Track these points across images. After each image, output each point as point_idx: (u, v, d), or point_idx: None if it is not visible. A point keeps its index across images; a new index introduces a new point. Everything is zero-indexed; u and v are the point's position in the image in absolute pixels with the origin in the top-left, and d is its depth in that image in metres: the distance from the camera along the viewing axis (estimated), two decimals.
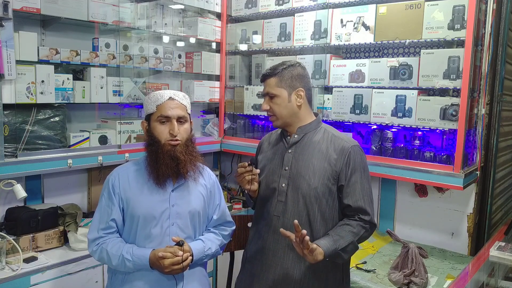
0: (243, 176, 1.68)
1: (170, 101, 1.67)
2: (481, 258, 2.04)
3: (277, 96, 1.67)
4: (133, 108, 2.92)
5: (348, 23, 2.61)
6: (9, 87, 2.10)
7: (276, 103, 1.67)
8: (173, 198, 1.70)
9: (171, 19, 3.00)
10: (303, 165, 1.66)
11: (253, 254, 1.78)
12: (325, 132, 1.72)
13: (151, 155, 1.68)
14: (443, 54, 2.28)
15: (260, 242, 1.74)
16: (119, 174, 1.72)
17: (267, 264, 1.70)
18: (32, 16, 2.24)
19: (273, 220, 1.70)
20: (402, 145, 2.50)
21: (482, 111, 2.32)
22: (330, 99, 2.71)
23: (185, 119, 1.70)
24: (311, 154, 1.67)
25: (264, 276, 1.71)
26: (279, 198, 1.69)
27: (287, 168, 1.69)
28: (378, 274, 2.13)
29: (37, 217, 2.21)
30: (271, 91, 1.67)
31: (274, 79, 1.67)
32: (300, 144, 1.70)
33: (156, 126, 1.67)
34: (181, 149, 1.66)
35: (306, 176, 1.65)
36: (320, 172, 1.64)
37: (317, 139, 1.69)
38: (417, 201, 2.60)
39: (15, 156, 2.14)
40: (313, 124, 1.73)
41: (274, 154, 1.77)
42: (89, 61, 2.45)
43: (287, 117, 1.69)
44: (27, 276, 2.01)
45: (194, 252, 1.67)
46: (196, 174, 1.75)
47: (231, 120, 3.39)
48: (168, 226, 1.69)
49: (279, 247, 1.68)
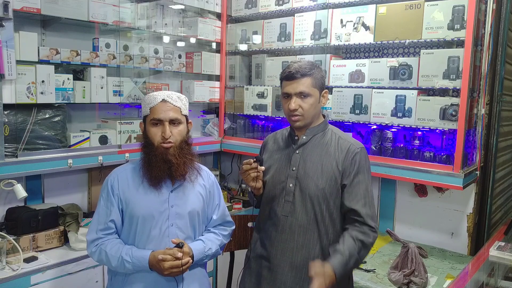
0: (248, 173, 1.68)
1: (162, 104, 1.66)
2: (481, 258, 2.04)
3: (311, 96, 1.66)
4: (133, 108, 2.92)
5: (348, 23, 2.62)
6: (9, 87, 2.10)
7: (308, 103, 1.66)
8: (172, 198, 1.70)
9: (171, 19, 3.00)
10: (311, 166, 1.67)
11: (259, 254, 1.78)
12: (332, 134, 1.74)
13: (145, 156, 1.69)
14: (443, 54, 2.28)
15: (267, 242, 1.74)
16: (118, 175, 1.72)
17: (275, 264, 1.70)
18: (32, 16, 2.25)
19: (281, 220, 1.70)
20: (402, 145, 2.50)
21: (481, 111, 2.32)
22: (330, 99, 2.71)
23: (179, 121, 1.69)
24: (319, 155, 1.68)
25: (273, 276, 1.71)
26: (286, 198, 1.69)
27: (295, 169, 1.70)
28: (378, 274, 2.13)
29: (37, 217, 2.22)
30: (306, 91, 1.66)
31: (309, 79, 1.66)
32: (308, 145, 1.72)
33: (149, 129, 1.68)
34: (174, 152, 1.66)
35: (314, 177, 1.66)
36: (327, 173, 1.65)
37: (325, 141, 1.71)
38: (416, 201, 2.60)
39: (15, 156, 2.14)
40: (321, 126, 1.74)
41: (281, 154, 1.77)
42: (89, 61, 2.45)
43: (312, 117, 1.70)
44: (27, 276, 2.01)
45: (194, 253, 1.68)
46: (194, 175, 1.75)
47: (231, 120, 3.40)
48: (168, 227, 1.69)
49: (288, 247, 1.68)
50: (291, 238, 1.67)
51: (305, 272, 1.64)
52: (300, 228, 1.66)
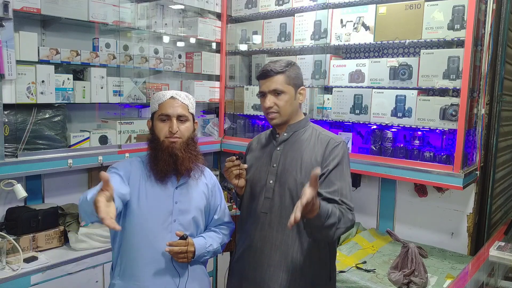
0: (230, 170, 1.68)
1: (171, 100, 1.70)
2: (481, 258, 2.04)
3: (285, 93, 1.67)
4: (133, 108, 2.92)
5: (348, 23, 2.62)
6: (9, 87, 2.10)
7: (283, 100, 1.67)
8: (177, 195, 1.72)
9: (171, 19, 3.00)
10: (291, 161, 1.67)
11: (240, 254, 1.78)
12: (313, 130, 1.74)
13: (152, 151, 1.71)
14: (443, 54, 2.28)
15: (247, 241, 1.74)
16: (130, 163, 1.73)
17: (255, 262, 1.70)
18: (32, 16, 2.25)
19: (260, 217, 1.69)
20: (402, 145, 2.51)
21: (481, 111, 2.32)
22: (330, 99, 2.71)
23: (186, 118, 1.72)
24: (299, 150, 1.68)
25: (252, 275, 1.70)
26: (266, 194, 1.69)
27: (275, 165, 1.70)
28: (378, 274, 2.13)
29: (37, 217, 2.22)
30: (279, 88, 1.67)
31: (282, 76, 1.67)
32: (289, 142, 1.72)
33: (157, 124, 1.71)
34: (179, 146, 1.68)
35: (293, 171, 1.65)
36: (307, 166, 1.64)
37: (306, 136, 1.71)
38: (416, 201, 2.60)
39: (15, 156, 2.14)
40: (302, 123, 1.75)
41: (262, 152, 1.78)
42: (89, 61, 2.45)
43: (289, 114, 1.71)
44: (27, 276, 2.01)
45: (196, 247, 1.69)
46: (198, 173, 1.77)
47: (231, 120, 3.40)
48: (170, 223, 1.69)
49: (266, 245, 1.67)
50: (269, 235, 1.66)
51: (284, 269, 1.64)
52: (278, 225, 1.65)
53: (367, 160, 2.50)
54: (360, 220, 2.79)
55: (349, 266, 2.20)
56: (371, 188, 2.78)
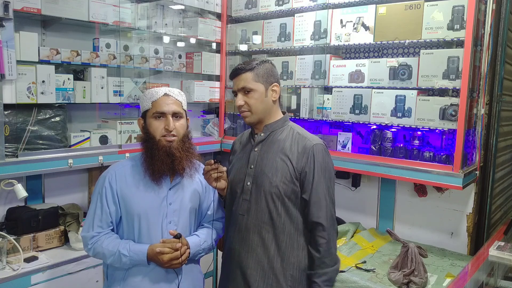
0: (209, 174, 1.68)
1: (165, 97, 1.68)
2: (481, 257, 2.05)
3: (254, 90, 1.66)
4: (134, 108, 2.92)
5: (347, 23, 2.62)
6: (9, 87, 2.10)
7: (253, 98, 1.66)
8: (171, 196, 1.71)
9: (171, 20, 3.00)
10: (267, 163, 1.66)
11: (225, 256, 1.79)
12: (290, 130, 1.71)
13: (147, 151, 1.69)
14: (442, 54, 2.28)
15: (228, 242, 1.75)
16: (116, 171, 1.72)
17: (234, 264, 1.70)
18: (32, 16, 2.25)
19: (238, 218, 1.69)
20: (402, 145, 2.51)
21: (481, 111, 2.33)
22: (330, 99, 2.71)
23: (181, 115, 1.71)
24: (275, 152, 1.66)
25: (233, 276, 1.70)
26: (244, 196, 1.68)
27: (252, 167, 1.69)
28: (377, 273, 2.14)
29: (37, 217, 2.22)
30: (248, 86, 1.65)
31: (250, 73, 1.66)
32: (266, 142, 1.70)
33: (151, 122, 1.68)
34: (177, 145, 1.67)
35: (269, 173, 1.63)
36: (282, 170, 1.62)
37: (282, 137, 1.69)
38: (416, 200, 2.61)
39: (15, 156, 2.15)
40: (279, 122, 1.72)
41: (243, 153, 1.77)
42: (89, 61, 2.46)
43: (262, 112, 1.68)
44: (27, 275, 2.02)
45: (191, 245, 1.69)
46: (192, 171, 1.75)
47: (231, 120, 3.40)
48: (166, 224, 1.70)
49: (243, 247, 1.67)
50: (247, 237, 1.65)
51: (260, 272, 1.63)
52: (255, 226, 1.65)
53: (367, 160, 2.50)
54: (360, 220, 2.79)
55: (349, 266, 2.20)
56: (371, 188, 2.78)
